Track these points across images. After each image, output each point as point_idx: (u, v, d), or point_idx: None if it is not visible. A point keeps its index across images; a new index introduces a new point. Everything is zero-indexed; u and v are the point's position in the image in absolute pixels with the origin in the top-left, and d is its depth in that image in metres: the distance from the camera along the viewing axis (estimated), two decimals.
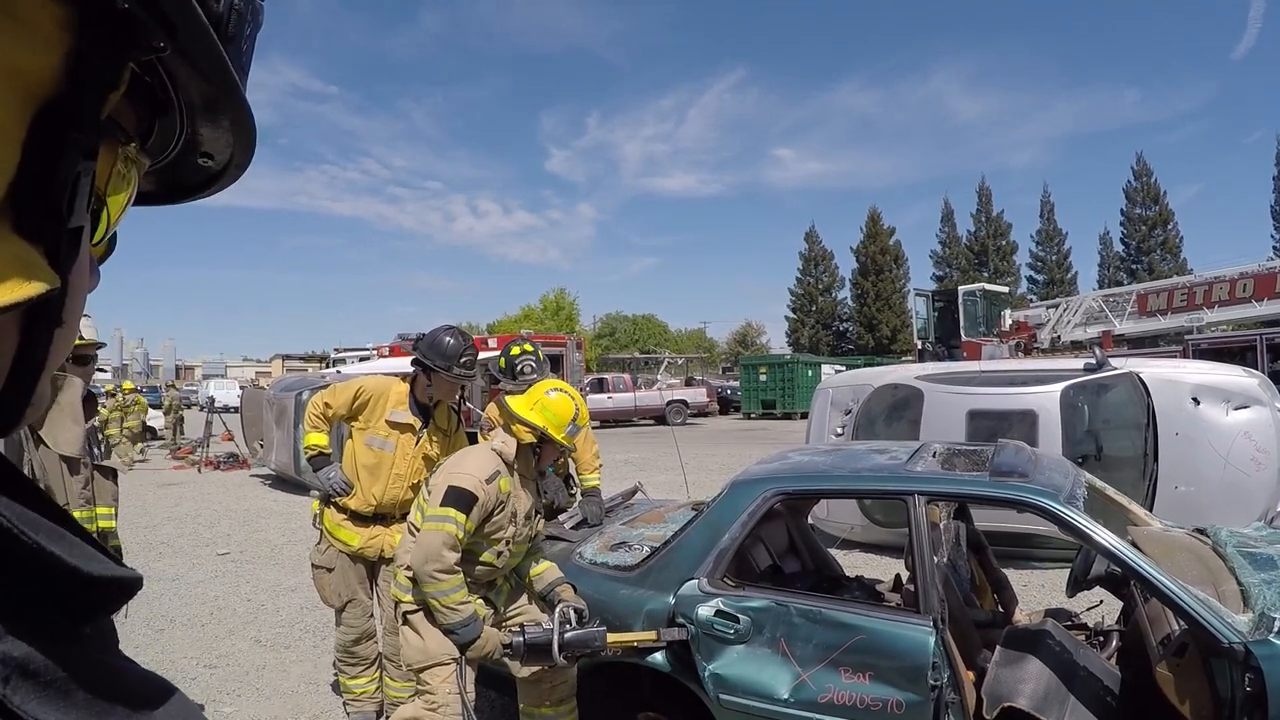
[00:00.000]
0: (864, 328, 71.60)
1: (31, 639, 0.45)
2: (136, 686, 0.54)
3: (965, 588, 5.46)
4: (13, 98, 0.47)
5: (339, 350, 42.19)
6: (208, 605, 8.81)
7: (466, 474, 4.25)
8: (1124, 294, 26.42)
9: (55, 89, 0.50)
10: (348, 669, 5.70)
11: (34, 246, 0.51)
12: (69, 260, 0.54)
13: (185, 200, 0.74)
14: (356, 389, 5.62)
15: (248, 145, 0.66)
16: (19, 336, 0.53)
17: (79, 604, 0.51)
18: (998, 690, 4.06)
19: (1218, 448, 8.75)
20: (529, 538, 4.69)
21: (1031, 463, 4.65)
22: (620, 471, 16.43)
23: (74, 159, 0.52)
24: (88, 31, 0.50)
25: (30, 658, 0.45)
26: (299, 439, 14.77)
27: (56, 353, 0.57)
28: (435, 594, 4.16)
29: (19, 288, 0.48)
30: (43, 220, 0.51)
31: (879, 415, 10.89)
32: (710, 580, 4.48)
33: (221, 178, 0.71)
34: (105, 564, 0.50)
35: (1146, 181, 66.59)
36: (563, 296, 73.41)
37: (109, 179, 0.58)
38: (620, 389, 37.80)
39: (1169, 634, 4.07)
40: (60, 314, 0.56)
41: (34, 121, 0.49)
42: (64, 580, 0.48)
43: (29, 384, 0.56)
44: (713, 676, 4.28)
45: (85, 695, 0.47)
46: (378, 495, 5.49)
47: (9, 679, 0.44)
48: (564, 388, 4.63)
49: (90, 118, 0.53)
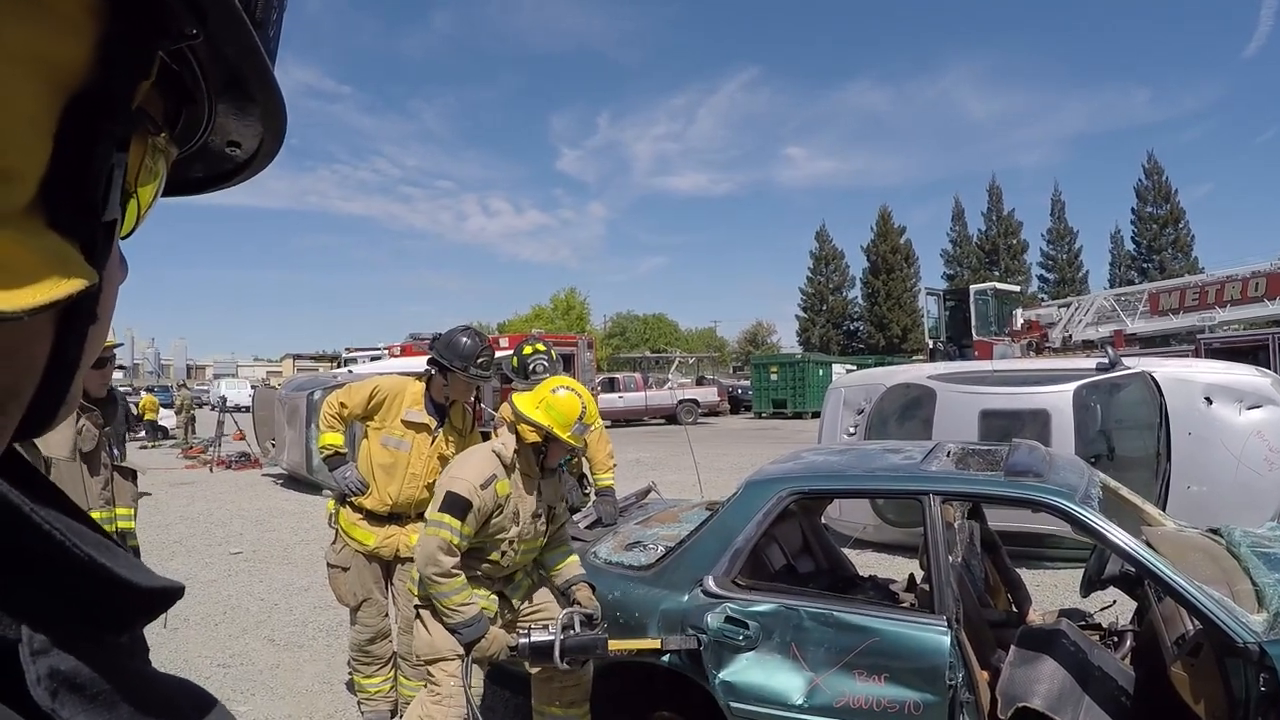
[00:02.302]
0: (875, 327, 71.42)
1: (78, 651, 0.45)
2: (177, 699, 0.53)
3: (979, 588, 5.45)
4: (42, 88, 0.46)
5: (350, 350, 42.10)
6: (221, 605, 8.83)
7: (462, 479, 4.28)
8: (1136, 293, 26.31)
9: (85, 79, 0.48)
10: (362, 668, 5.71)
11: (69, 242, 0.49)
12: (104, 255, 0.53)
13: (211, 190, 0.72)
14: (372, 388, 5.63)
15: (278, 133, 0.65)
16: (53, 334, 0.52)
17: (125, 615, 0.50)
18: (1012, 690, 4.06)
19: (1230, 447, 8.72)
20: (541, 534, 4.67)
21: (1046, 462, 4.64)
22: (632, 471, 16.41)
23: (107, 151, 0.51)
24: (118, 19, 0.49)
25: (77, 671, 0.44)
26: (311, 438, 14.80)
27: (90, 350, 0.56)
28: (436, 595, 4.23)
29: (57, 285, 0.47)
30: (77, 215, 0.50)
31: (891, 415, 10.85)
32: (718, 581, 4.48)
33: (249, 167, 0.69)
34: (150, 574, 0.50)
35: (1158, 180, 66.29)
36: (573, 296, 73.48)
37: (139, 170, 0.56)
38: (631, 388, 37.72)
39: (1183, 634, 4.06)
40: (95, 310, 0.55)
41: (65, 113, 0.48)
42: (114, 592, 0.48)
43: (64, 383, 0.55)
44: (723, 685, 4.28)
45: (129, 709, 0.46)
46: (393, 495, 5.50)
47: (57, 693, 0.43)
48: (572, 385, 4.58)
49: (122, 108, 0.51)
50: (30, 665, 0.42)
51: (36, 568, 0.43)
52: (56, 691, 0.43)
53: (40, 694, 0.42)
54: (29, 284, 0.45)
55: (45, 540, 0.43)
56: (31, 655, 0.42)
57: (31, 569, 0.43)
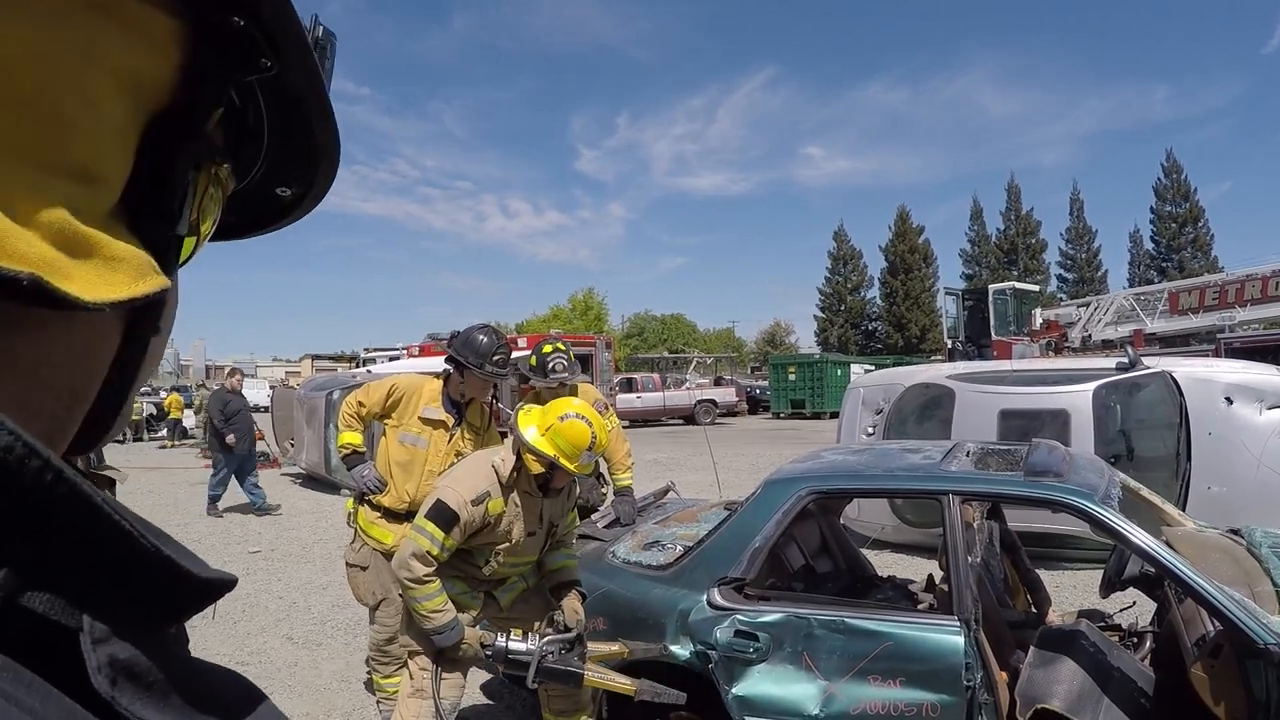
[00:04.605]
0: (893, 327, 71.37)
1: (135, 640, 0.46)
2: (226, 691, 0.54)
3: (999, 588, 5.44)
4: (130, 101, 0.49)
5: (369, 350, 42.27)
6: (240, 602, 8.84)
7: (455, 491, 4.17)
8: (1155, 292, 26.22)
9: (168, 99, 0.52)
10: (381, 667, 5.73)
11: (145, 248, 0.51)
12: (173, 266, 0.56)
13: (257, 233, 0.73)
14: (390, 386, 5.67)
15: (330, 173, 0.67)
16: (119, 341, 0.54)
17: (182, 605, 0.51)
18: (1031, 691, 4.05)
19: (1251, 448, 8.66)
20: (537, 548, 4.57)
21: (1066, 462, 4.63)
22: (650, 471, 16.41)
23: (184, 167, 0.54)
24: (200, 46, 0.52)
25: (135, 659, 0.45)
26: (329, 438, 14.87)
27: (150, 362, 0.58)
28: (409, 599, 4.19)
29: (135, 284, 0.49)
30: (154, 223, 0.53)
31: (910, 415, 10.83)
32: (724, 594, 4.46)
33: (297, 208, 0.70)
34: (204, 565, 0.50)
35: (1176, 179, 66.10)
36: (591, 296, 73.57)
37: (202, 197, 0.58)
38: (649, 389, 37.67)
39: (1203, 635, 4.04)
40: (158, 321, 0.56)
41: (147, 128, 0.51)
42: (174, 582, 0.48)
43: (123, 393, 0.56)
44: (737, 700, 4.26)
45: (180, 699, 0.47)
46: (411, 492, 5.51)
47: (116, 680, 0.44)
48: (582, 410, 4.28)
49: (198, 130, 0.54)
50: (91, 654, 0.43)
51: (103, 557, 0.44)
52: (116, 680, 0.44)
53: (100, 681, 0.43)
54: (110, 279, 0.48)
55: (113, 530, 0.44)
56: (92, 644, 0.43)
57: (98, 558, 0.44)
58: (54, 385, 0.50)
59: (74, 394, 0.52)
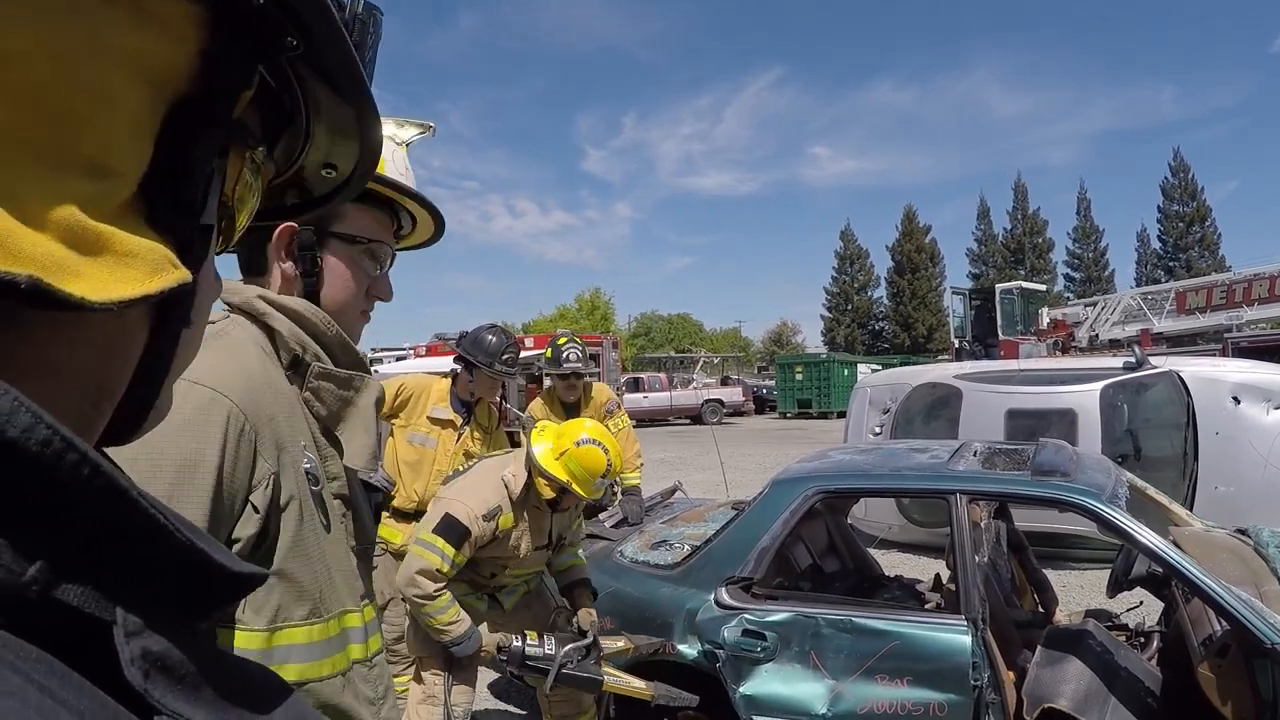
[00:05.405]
0: (900, 326, 71.29)
1: (168, 633, 0.45)
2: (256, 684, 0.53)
3: (1006, 588, 5.44)
4: (146, 90, 0.48)
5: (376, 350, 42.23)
6: None
7: (465, 505, 4.06)
8: (1162, 292, 26.06)
9: (188, 85, 0.50)
10: (390, 666, 5.73)
11: (165, 241, 0.50)
12: (200, 258, 0.54)
13: (310, 213, 0.73)
14: (398, 386, 5.66)
15: (374, 153, 0.66)
16: (148, 335, 0.53)
17: (214, 598, 0.50)
18: (1038, 691, 4.05)
19: (1259, 447, 8.64)
20: (543, 560, 4.53)
21: (1073, 462, 4.63)
22: (657, 471, 16.37)
23: (208, 154, 0.53)
24: (221, 29, 0.51)
25: (168, 652, 0.44)
26: None
27: (183, 356, 0.57)
28: (421, 615, 4.08)
29: (149, 281, 0.47)
30: (175, 214, 0.51)
31: (917, 414, 10.82)
32: (731, 593, 4.46)
33: (345, 188, 0.70)
34: (236, 559, 0.50)
35: (1184, 178, 65.91)
36: (598, 296, 73.61)
37: (236, 184, 0.58)
38: (656, 388, 37.64)
39: (1211, 635, 4.04)
40: (189, 314, 0.55)
41: (167, 116, 0.49)
42: (207, 576, 0.48)
43: (154, 386, 0.56)
44: (744, 699, 4.26)
45: (211, 692, 0.46)
46: (419, 492, 5.51)
47: (149, 673, 0.43)
48: (599, 436, 4.19)
49: (223, 115, 0.53)
50: (124, 646, 0.42)
51: (137, 550, 0.44)
52: (149, 672, 0.43)
53: (134, 674, 0.42)
54: (123, 276, 0.46)
55: (148, 523, 0.44)
56: (126, 637, 0.43)
57: (132, 551, 0.44)
58: (79, 381, 0.49)
59: (100, 390, 0.51)
